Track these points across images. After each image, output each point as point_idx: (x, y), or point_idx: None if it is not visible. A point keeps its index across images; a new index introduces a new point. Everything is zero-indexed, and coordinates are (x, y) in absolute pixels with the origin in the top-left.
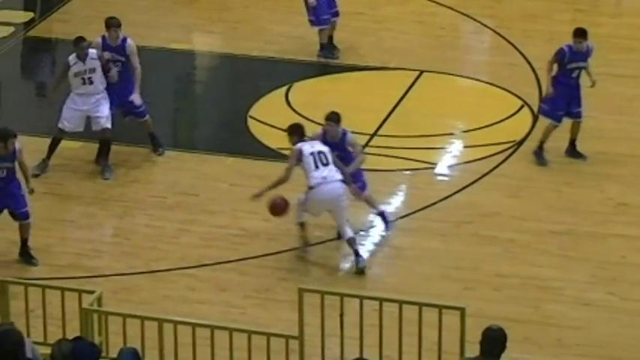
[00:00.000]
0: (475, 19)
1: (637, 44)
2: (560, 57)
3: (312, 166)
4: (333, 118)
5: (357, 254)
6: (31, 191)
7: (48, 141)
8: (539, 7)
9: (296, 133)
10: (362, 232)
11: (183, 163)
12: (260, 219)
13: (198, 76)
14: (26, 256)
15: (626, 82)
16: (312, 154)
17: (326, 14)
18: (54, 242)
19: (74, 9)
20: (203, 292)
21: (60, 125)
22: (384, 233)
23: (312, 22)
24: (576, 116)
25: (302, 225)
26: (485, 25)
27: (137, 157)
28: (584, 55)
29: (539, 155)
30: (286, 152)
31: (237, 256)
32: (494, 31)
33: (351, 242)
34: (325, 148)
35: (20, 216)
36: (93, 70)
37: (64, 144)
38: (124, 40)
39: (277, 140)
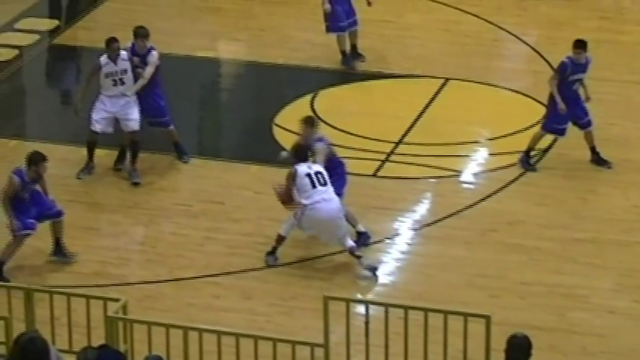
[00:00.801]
0: (500, 27)
1: None
2: (563, 70)
3: (310, 187)
4: (308, 121)
5: (359, 258)
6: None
7: (73, 149)
8: (564, 14)
9: (298, 153)
10: (387, 240)
11: (209, 171)
12: None
13: (223, 83)
14: (60, 254)
15: None
16: (308, 175)
17: (342, 21)
18: (79, 250)
19: (99, 17)
20: (228, 300)
21: (92, 127)
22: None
23: (328, 29)
24: (586, 126)
25: (282, 239)
26: (510, 33)
27: (163, 164)
28: (584, 66)
29: (525, 161)
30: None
31: (262, 264)
32: (520, 39)
33: (353, 251)
34: (322, 169)
35: (55, 215)
36: (125, 72)
37: (85, 152)
38: (150, 50)
39: None
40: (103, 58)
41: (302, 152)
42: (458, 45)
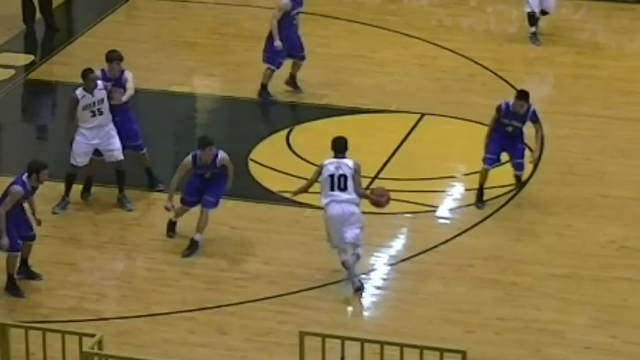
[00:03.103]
0: (476, 62)
1: (638, 87)
2: (497, 111)
3: (329, 187)
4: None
5: (351, 275)
6: (39, 222)
7: (49, 184)
8: (540, 50)
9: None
10: (363, 276)
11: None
12: (261, 262)
13: (199, 118)
14: (29, 272)
15: (627, 125)
16: (331, 175)
17: (281, 58)
18: (55, 285)
19: (75, 52)
20: (204, 336)
21: (72, 162)
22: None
23: (265, 59)
24: (517, 168)
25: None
26: (486, 68)
27: (138, 200)
28: (522, 117)
29: (479, 198)
30: (287, 195)
31: (238, 299)
32: (496, 74)
33: (350, 262)
34: (347, 172)
35: (31, 238)
36: (102, 101)
37: (63, 187)
38: (122, 72)
39: (278, 183)
40: (79, 91)
41: (338, 145)
42: (434, 80)
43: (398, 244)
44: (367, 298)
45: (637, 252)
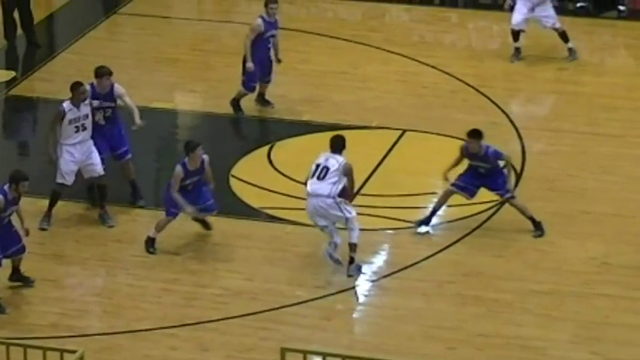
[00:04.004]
0: (457, 78)
1: (620, 103)
2: (459, 151)
3: (311, 174)
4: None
5: (332, 257)
6: (27, 232)
7: (30, 200)
8: (521, 66)
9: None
10: (344, 292)
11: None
12: (242, 278)
13: (180, 134)
14: (22, 278)
15: (609, 141)
16: (317, 165)
17: (255, 82)
18: (36, 301)
19: (56, 68)
20: (185, 352)
21: (60, 180)
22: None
23: (243, 84)
24: (501, 195)
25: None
26: (467, 84)
27: (119, 216)
28: (483, 158)
29: (428, 219)
30: (268, 211)
31: (219, 316)
32: (477, 90)
33: (332, 247)
34: (332, 166)
35: (20, 251)
36: (87, 117)
37: (44, 203)
38: (112, 86)
39: (259, 199)
40: (66, 105)
41: (335, 143)
42: (415, 96)
43: (379, 261)
44: (348, 315)
45: (618, 268)
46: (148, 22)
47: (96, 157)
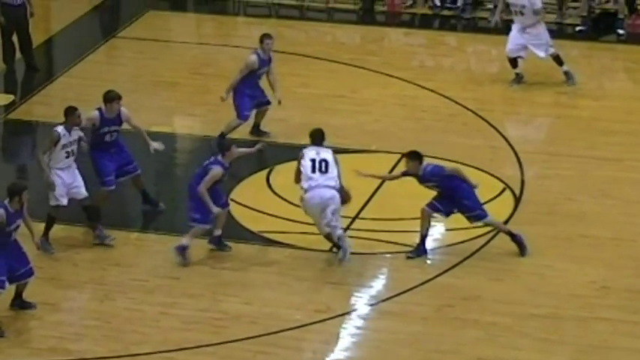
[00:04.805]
0: (456, 102)
1: (619, 127)
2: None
3: (309, 170)
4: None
5: (338, 249)
6: (38, 247)
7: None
8: (520, 89)
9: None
10: (343, 316)
11: (164, 246)
12: (241, 302)
13: (179, 158)
14: (23, 303)
15: (608, 165)
16: (312, 160)
17: (248, 111)
18: (35, 325)
19: (55, 92)
20: None
21: (55, 203)
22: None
23: (238, 116)
24: (474, 220)
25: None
26: (466, 108)
27: (118, 239)
28: (420, 178)
29: (422, 247)
30: (267, 235)
31: (218, 340)
32: (476, 114)
33: (340, 238)
34: (328, 158)
35: (27, 275)
36: (77, 142)
37: (41, 227)
38: (119, 109)
39: (258, 223)
40: (61, 129)
41: (316, 135)
42: (414, 120)
43: (378, 284)
44: (347, 339)
45: (618, 292)
46: (147, 45)
47: (80, 180)
